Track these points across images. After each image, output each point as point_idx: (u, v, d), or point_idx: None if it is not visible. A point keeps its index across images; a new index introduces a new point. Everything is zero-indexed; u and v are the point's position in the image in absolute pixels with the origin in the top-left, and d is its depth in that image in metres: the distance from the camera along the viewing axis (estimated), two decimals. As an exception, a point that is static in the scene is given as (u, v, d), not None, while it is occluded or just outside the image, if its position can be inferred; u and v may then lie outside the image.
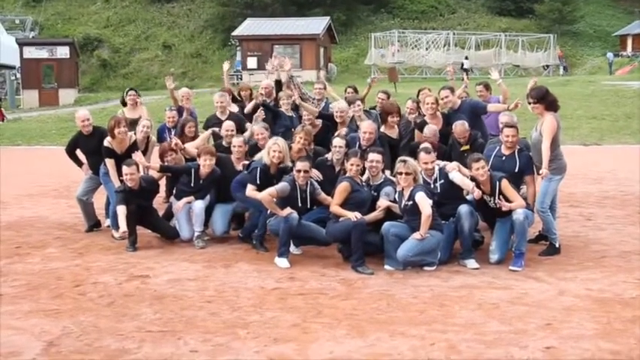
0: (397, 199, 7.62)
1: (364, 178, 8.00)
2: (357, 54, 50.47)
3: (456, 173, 7.75)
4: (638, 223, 9.60)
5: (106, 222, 9.55)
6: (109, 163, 8.89)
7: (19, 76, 42.25)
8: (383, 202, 7.74)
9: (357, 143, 8.49)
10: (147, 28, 55.95)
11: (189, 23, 56.31)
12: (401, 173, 7.45)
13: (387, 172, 8.17)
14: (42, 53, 40.52)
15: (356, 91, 10.85)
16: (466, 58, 44.50)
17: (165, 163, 9.18)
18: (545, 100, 7.89)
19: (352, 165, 7.76)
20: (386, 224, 7.52)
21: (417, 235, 7.22)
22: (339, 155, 8.33)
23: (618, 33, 54.78)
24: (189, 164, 8.85)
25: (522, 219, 7.41)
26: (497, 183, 7.52)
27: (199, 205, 8.59)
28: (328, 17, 46.64)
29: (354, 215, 7.41)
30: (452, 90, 9.44)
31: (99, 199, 9.73)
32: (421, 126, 8.98)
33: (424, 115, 9.33)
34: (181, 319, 5.93)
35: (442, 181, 7.79)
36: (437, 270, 7.36)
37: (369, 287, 6.82)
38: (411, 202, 7.35)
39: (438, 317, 5.92)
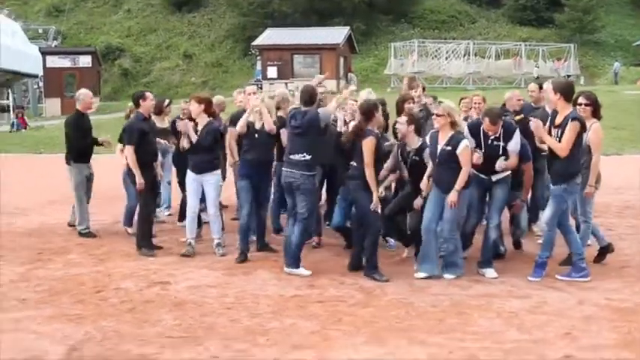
0: (429, 143, 7.47)
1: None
2: (377, 64, 50.45)
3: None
4: (660, 234, 9.53)
5: (128, 230, 9.69)
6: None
7: (41, 84, 42.73)
8: (424, 185, 7.60)
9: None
10: (168, 38, 56.35)
11: (209, 33, 56.62)
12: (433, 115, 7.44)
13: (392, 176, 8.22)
14: (64, 62, 41.01)
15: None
16: (537, 66, 44.30)
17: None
18: (596, 104, 7.73)
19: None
20: (427, 219, 7.38)
21: (452, 197, 7.15)
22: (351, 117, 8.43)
23: (639, 42, 54.35)
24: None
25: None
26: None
27: (214, 212, 8.62)
28: (348, 27, 46.69)
29: (378, 195, 7.34)
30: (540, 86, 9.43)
31: (115, 208, 9.83)
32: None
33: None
34: (201, 325, 5.98)
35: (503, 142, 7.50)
36: (456, 279, 7.37)
37: (388, 295, 6.83)
38: (449, 148, 7.19)
39: (457, 326, 5.93)
